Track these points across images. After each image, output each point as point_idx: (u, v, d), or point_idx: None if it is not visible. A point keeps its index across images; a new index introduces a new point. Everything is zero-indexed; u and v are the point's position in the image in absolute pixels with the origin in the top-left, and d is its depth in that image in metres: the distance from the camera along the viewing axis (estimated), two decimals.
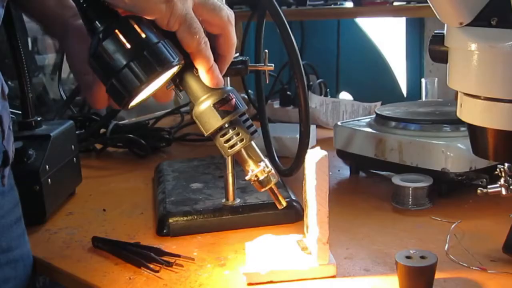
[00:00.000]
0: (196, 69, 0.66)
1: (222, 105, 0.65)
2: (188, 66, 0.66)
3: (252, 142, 0.68)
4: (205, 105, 0.66)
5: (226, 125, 0.66)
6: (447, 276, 0.65)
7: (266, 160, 0.68)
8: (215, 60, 0.65)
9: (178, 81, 0.67)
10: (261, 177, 0.68)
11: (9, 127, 0.71)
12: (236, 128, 0.67)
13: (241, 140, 0.67)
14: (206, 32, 0.65)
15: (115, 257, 0.74)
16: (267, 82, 0.85)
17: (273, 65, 0.82)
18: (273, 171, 0.68)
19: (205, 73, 0.64)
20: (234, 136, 0.67)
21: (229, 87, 0.68)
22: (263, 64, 0.82)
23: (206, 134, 0.67)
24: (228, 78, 0.80)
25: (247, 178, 0.68)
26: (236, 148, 0.67)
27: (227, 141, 0.67)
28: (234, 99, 0.66)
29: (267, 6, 0.79)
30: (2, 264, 0.69)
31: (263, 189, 0.69)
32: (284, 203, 0.69)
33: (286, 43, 0.80)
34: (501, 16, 0.58)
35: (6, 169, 0.70)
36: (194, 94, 0.67)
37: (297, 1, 1.57)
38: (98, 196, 1.00)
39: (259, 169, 0.68)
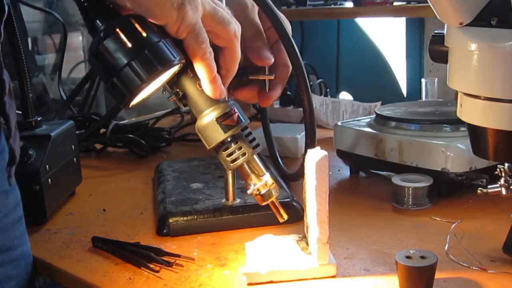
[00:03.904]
0: (200, 83, 0.66)
1: (225, 119, 0.66)
2: (192, 80, 0.67)
3: (255, 156, 0.69)
4: (208, 119, 0.66)
5: (229, 139, 0.67)
6: (447, 276, 0.65)
7: (268, 174, 0.69)
8: (218, 73, 0.66)
9: (181, 95, 0.67)
10: (263, 191, 0.69)
11: (15, 126, 0.71)
12: (239, 142, 0.67)
13: (244, 154, 0.68)
14: (211, 43, 0.65)
15: (115, 257, 0.74)
16: (268, 91, 0.85)
17: (273, 74, 0.82)
18: (275, 185, 0.69)
19: (208, 83, 0.65)
20: (236, 150, 0.67)
21: (231, 101, 0.68)
22: (264, 73, 0.82)
23: (208, 148, 0.67)
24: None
25: (249, 192, 0.69)
26: (238, 162, 0.68)
27: (230, 155, 0.68)
28: (236, 113, 0.67)
29: (265, 11, 0.79)
30: (5, 263, 0.69)
31: (264, 203, 0.69)
32: (285, 217, 0.70)
33: (288, 50, 0.80)
34: (501, 16, 0.58)
35: (13, 168, 0.70)
36: (197, 108, 0.67)
37: (297, 1, 1.57)
38: (98, 196, 1.00)
39: (261, 183, 0.69)
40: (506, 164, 0.69)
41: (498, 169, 0.70)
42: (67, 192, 0.97)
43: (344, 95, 1.85)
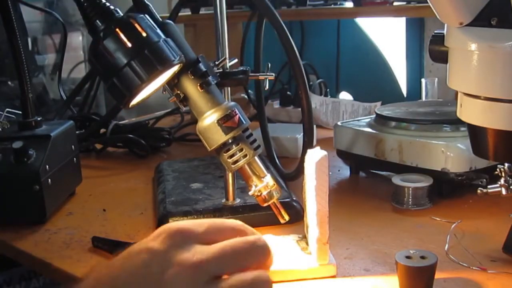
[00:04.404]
0: (201, 85, 0.66)
1: (226, 121, 0.66)
2: (193, 82, 0.67)
3: (256, 158, 0.69)
4: (209, 120, 0.66)
5: (230, 141, 0.67)
6: (447, 276, 0.65)
7: (269, 175, 0.69)
8: None
9: (182, 97, 0.67)
10: (264, 192, 0.69)
11: None
12: (240, 144, 0.68)
13: (245, 156, 0.68)
14: None
15: (115, 257, 0.74)
16: (266, 88, 0.85)
17: (273, 74, 0.82)
18: (276, 186, 0.69)
19: None
20: (237, 152, 0.68)
21: (232, 103, 0.69)
22: (263, 73, 0.82)
23: (209, 149, 0.68)
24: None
25: (250, 193, 0.69)
26: (240, 163, 0.68)
27: (231, 156, 0.68)
28: (237, 115, 0.67)
29: (264, 12, 0.79)
30: None
31: (265, 204, 0.69)
32: (286, 218, 0.71)
33: (287, 50, 0.80)
34: (501, 16, 0.58)
35: None
36: (198, 110, 0.68)
37: (297, 1, 1.57)
38: (98, 196, 1.00)
39: (262, 184, 0.69)
40: (506, 164, 0.69)
41: (498, 169, 0.70)
42: (67, 192, 0.97)
43: (344, 95, 1.85)
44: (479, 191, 0.72)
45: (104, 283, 0.49)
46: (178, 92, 0.68)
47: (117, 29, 0.62)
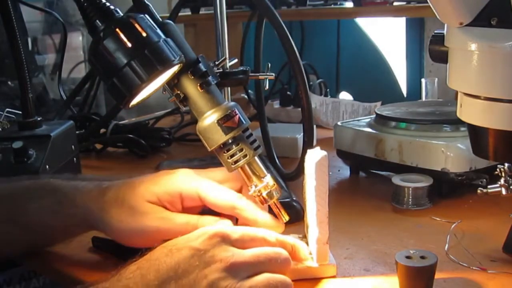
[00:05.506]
0: (201, 85, 0.67)
1: (226, 121, 0.66)
2: (193, 82, 0.67)
3: (256, 158, 0.69)
4: (209, 120, 0.66)
5: (230, 141, 0.67)
6: (447, 276, 0.65)
7: (269, 175, 0.69)
8: None
9: (182, 97, 0.68)
10: (264, 193, 0.69)
11: None
12: (240, 144, 0.68)
13: (245, 156, 0.68)
14: None
15: (115, 257, 0.74)
16: (266, 88, 0.85)
17: (273, 74, 0.82)
18: (276, 186, 0.69)
19: None
20: (237, 152, 0.68)
21: (232, 103, 0.69)
22: (263, 73, 0.82)
23: (209, 149, 0.68)
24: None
25: (250, 193, 0.69)
26: (240, 163, 0.68)
27: (231, 156, 0.68)
28: (238, 115, 0.67)
29: (264, 12, 0.79)
30: None
31: (265, 204, 0.69)
32: (286, 218, 0.71)
33: (287, 50, 0.80)
34: (501, 16, 0.58)
35: None
36: (198, 110, 0.68)
37: (297, 1, 1.57)
38: None
39: (262, 184, 0.69)
40: (506, 164, 0.69)
41: (498, 169, 0.70)
42: None
43: (344, 95, 1.85)
44: (479, 191, 0.72)
45: (148, 274, 0.57)
46: (178, 92, 0.68)
47: (117, 29, 0.62)
